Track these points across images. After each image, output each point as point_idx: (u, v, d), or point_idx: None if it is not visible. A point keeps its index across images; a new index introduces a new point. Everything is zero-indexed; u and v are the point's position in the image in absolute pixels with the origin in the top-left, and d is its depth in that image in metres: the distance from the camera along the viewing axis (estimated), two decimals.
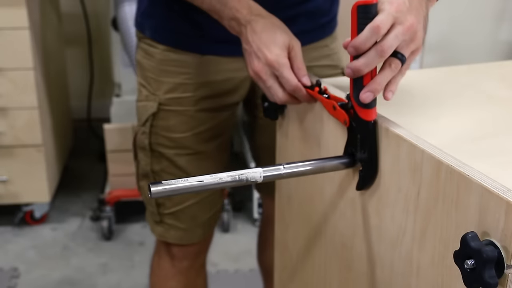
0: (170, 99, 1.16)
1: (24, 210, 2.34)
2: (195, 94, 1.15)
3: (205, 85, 1.15)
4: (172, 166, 1.20)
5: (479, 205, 0.59)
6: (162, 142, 1.19)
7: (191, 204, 1.23)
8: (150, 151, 1.20)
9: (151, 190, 0.68)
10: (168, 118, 1.17)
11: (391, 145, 0.74)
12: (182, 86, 1.15)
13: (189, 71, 1.15)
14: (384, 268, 0.78)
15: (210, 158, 1.22)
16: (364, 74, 0.74)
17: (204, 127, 1.18)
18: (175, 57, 1.15)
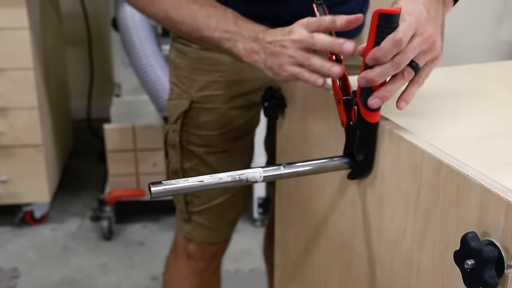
0: (203, 96, 1.18)
1: (24, 210, 2.34)
2: (227, 92, 1.17)
3: (236, 83, 1.17)
4: (202, 163, 1.22)
5: (479, 205, 0.59)
6: (192, 140, 1.20)
7: (220, 202, 1.25)
8: (180, 149, 1.22)
9: (151, 191, 0.68)
10: (199, 116, 1.19)
11: (391, 145, 0.74)
12: (214, 84, 1.17)
13: (221, 69, 1.16)
14: (384, 268, 0.78)
15: (237, 156, 1.24)
16: None
17: (233, 125, 1.20)
18: (208, 55, 1.16)
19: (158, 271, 2.10)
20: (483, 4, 2.70)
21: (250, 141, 1.28)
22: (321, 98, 0.90)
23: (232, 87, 1.17)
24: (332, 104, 0.86)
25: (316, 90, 0.91)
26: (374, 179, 0.78)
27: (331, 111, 0.87)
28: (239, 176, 0.72)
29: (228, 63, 1.15)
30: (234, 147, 1.22)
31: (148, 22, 2.06)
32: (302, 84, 0.95)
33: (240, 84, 1.17)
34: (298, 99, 0.98)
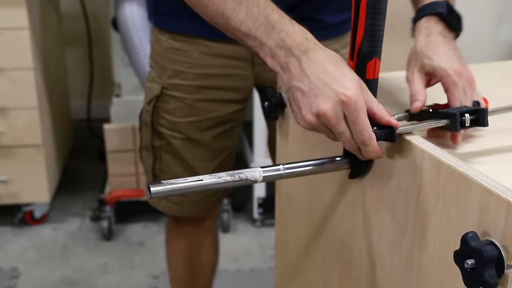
0: (171, 84, 1.23)
1: (24, 210, 2.34)
2: (193, 83, 1.21)
3: (203, 76, 1.20)
4: (168, 145, 1.28)
5: (479, 205, 0.59)
6: (162, 122, 1.26)
7: None
8: (151, 128, 1.28)
9: (150, 191, 0.68)
10: (168, 102, 1.24)
11: (392, 145, 0.74)
12: (182, 74, 1.21)
13: (189, 60, 1.20)
14: (384, 268, 0.78)
15: (204, 146, 1.28)
16: None
17: (200, 117, 1.24)
18: (177, 45, 1.20)
19: (158, 271, 2.10)
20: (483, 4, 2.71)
21: (222, 134, 1.28)
22: None
23: (198, 79, 1.21)
24: None
25: None
26: (374, 179, 0.78)
27: None
28: (238, 175, 0.72)
29: (196, 56, 1.19)
30: (201, 138, 1.26)
31: (148, 22, 2.06)
32: None
33: (207, 78, 1.21)
34: None
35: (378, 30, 0.72)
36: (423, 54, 0.87)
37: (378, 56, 0.73)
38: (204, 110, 1.23)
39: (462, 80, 0.83)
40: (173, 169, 1.30)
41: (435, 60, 0.85)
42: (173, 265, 1.50)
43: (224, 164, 1.33)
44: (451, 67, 0.84)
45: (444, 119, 0.77)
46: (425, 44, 0.88)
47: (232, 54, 1.19)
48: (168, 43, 1.22)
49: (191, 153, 1.28)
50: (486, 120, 0.76)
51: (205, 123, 1.25)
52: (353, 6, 0.73)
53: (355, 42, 0.74)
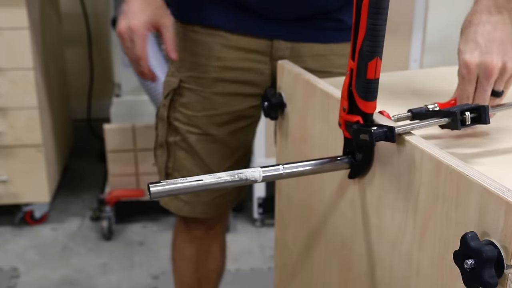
0: (189, 77, 1.22)
1: (24, 210, 2.34)
2: (211, 76, 1.20)
3: (222, 69, 1.20)
4: (184, 141, 1.26)
5: (478, 205, 0.59)
6: (178, 117, 1.25)
7: None
8: (167, 123, 1.27)
9: (150, 191, 0.68)
10: (185, 95, 1.23)
11: (391, 145, 0.74)
12: (200, 67, 1.21)
13: (208, 52, 1.20)
14: (384, 268, 0.78)
15: (219, 142, 1.26)
16: None
17: (217, 111, 1.23)
18: (198, 37, 1.20)
19: (158, 271, 2.10)
20: None
21: (239, 130, 1.27)
22: (321, 98, 0.90)
23: (216, 72, 1.20)
24: (332, 104, 0.86)
25: (316, 90, 0.91)
26: (374, 179, 0.78)
27: (331, 111, 0.87)
28: (238, 175, 0.72)
29: (215, 48, 1.19)
30: (217, 133, 1.24)
31: None
32: (302, 84, 0.96)
33: (225, 71, 1.20)
34: (298, 99, 0.98)
35: (379, 30, 0.72)
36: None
37: (379, 56, 0.73)
38: (222, 104, 1.22)
39: (473, 74, 0.81)
40: (187, 166, 1.28)
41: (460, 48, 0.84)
42: (179, 268, 1.48)
43: (240, 162, 1.31)
44: (463, 59, 0.82)
45: (445, 117, 0.77)
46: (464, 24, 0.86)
47: (251, 47, 1.19)
48: (189, 35, 1.22)
49: (207, 149, 1.26)
50: (488, 117, 0.76)
51: (222, 117, 1.23)
52: (354, 6, 0.73)
53: (356, 42, 0.74)
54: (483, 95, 0.83)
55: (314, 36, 1.19)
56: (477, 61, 0.82)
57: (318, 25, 1.18)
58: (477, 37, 0.83)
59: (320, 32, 1.19)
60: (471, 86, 0.83)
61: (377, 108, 0.77)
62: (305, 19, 1.17)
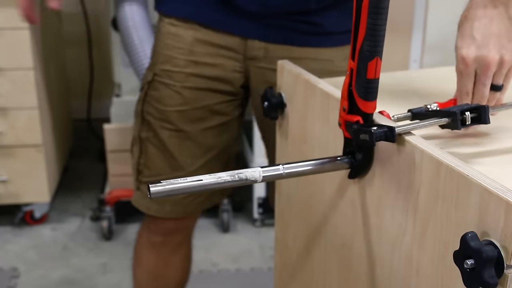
0: (163, 70, 1.21)
1: (24, 210, 2.34)
2: (183, 70, 1.19)
3: (194, 63, 1.19)
4: (155, 137, 1.25)
5: (478, 205, 0.59)
6: (151, 111, 1.24)
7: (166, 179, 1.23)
8: (141, 118, 1.26)
9: (150, 190, 0.68)
10: (158, 89, 1.22)
11: (391, 145, 0.74)
12: (173, 60, 1.20)
13: (182, 46, 1.19)
14: (384, 268, 0.78)
15: (192, 139, 1.24)
16: None
17: (189, 106, 1.21)
18: (173, 30, 1.20)
19: None
20: None
21: (212, 128, 1.25)
22: (321, 98, 0.90)
23: (188, 66, 1.19)
24: (332, 104, 0.86)
25: (316, 90, 0.91)
26: (374, 179, 0.78)
27: (331, 111, 0.87)
28: (238, 175, 0.72)
29: (188, 42, 1.18)
30: (190, 129, 1.23)
31: (148, 22, 2.06)
32: (302, 84, 0.96)
33: (197, 66, 1.19)
34: (298, 99, 0.98)
35: (379, 30, 0.72)
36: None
37: (379, 56, 0.73)
38: (193, 99, 1.21)
39: (470, 68, 0.82)
40: (157, 163, 1.26)
41: (456, 44, 0.84)
42: (137, 275, 1.42)
43: (212, 163, 1.27)
44: (460, 54, 0.83)
45: (445, 117, 0.77)
46: (460, 20, 0.86)
47: (225, 44, 1.18)
48: (165, 28, 1.22)
49: (178, 146, 1.24)
50: (488, 117, 0.76)
51: (194, 112, 1.22)
52: (354, 6, 0.73)
53: (357, 42, 0.74)
54: (482, 89, 0.83)
55: (290, 38, 1.17)
56: (474, 55, 0.82)
57: (295, 27, 1.16)
58: (473, 32, 0.83)
59: (297, 35, 1.17)
60: (470, 81, 0.83)
61: (377, 108, 0.77)
62: (282, 21, 1.15)
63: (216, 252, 2.23)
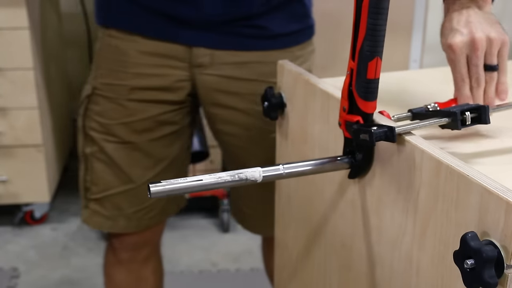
0: (104, 84, 1.19)
1: (24, 210, 2.34)
2: (127, 83, 1.17)
3: (138, 76, 1.16)
4: (101, 152, 1.21)
5: (479, 205, 0.59)
6: (93, 126, 1.20)
7: (115, 193, 1.23)
8: (83, 134, 1.23)
9: (150, 190, 0.68)
10: (100, 103, 1.19)
11: (391, 145, 0.74)
12: (116, 73, 1.17)
13: (124, 59, 1.16)
14: (384, 268, 0.78)
15: (141, 151, 1.21)
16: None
17: (135, 117, 1.18)
18: (114, 43, 1.17)
19: None
20: None
21: (161, 139, 1.22)
22: (321, 98, 0.90)
23: (132, 79, 1.17)
24: (332, 104, 0.86)
25: (316, 90, 0.91)
26: (374, 179, 0.78)
27: (331, 111, 0.87)
28: (238, 175, 0.72)
29: (132, 55, 1.16)
30: (136, 140, 1.20)
31: None
32: (302, 84, 0.96)
33: (141, 78, 1.16)
34: (298, 99, 0.98)
35: (379, 30, 0.72)
36: None
37: (379, 56, 0.73)
38: (138, 111, 1.18)
39: (459, 54, 0.84)
40: (106, 178, 1.22)
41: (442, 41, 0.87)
42: None
43: (164, 174, 1.23)
44: (444, 43, 0.86)
45: (445, 117, 0.77)
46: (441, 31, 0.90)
47: (168, 53, 1.15)
48: (105, 40, 1.19)
49: (126, 158, 1.20)
50: (488, 117, 0.76)
51: (140, 124, 1.19)
52: (354, 6, 0.73)
53: (357, 42, 0.74)
54: (475, 71, 0.85)
55: (236, 43, 1.16)
56: (459, 40, 0.84)
57: (240, 32, 1.15)
58: (454, 26, 0.86)
59: (243, 40, 1.15)
60: (462, 66, 0.85)
61: (377, 108, 0.77)
62: (227, 26, 1.14)
63: (216, 252, 2.23)
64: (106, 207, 1.25)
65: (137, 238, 1.31)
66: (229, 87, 1.19)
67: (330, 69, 1.34)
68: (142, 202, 1.25)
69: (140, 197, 1.24)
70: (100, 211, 1.25)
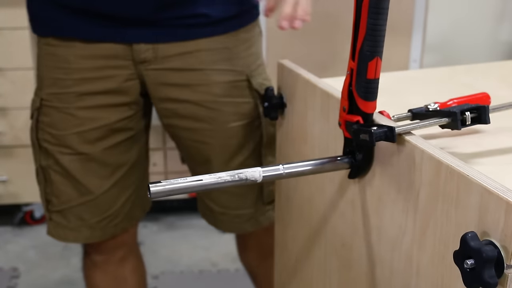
0: (51, 94, 1.15)
1: (24, 210, 2.34)
2: (72, 90, 1.13)
3: (83, 81, 1.13)
4: (56, 164, 1.18)
5: (479, 205, 0.59)
6: (47, 138, 1.17)
7: (76, 204, 1.21)
8: (38, 146, 1.19)
9: (150, 191, 0.68)
10: (50, 115, 1.16)
11: (391, 145, 0.74)
12: (59, 81, 1.14)
13: (65, 65, 1.13)
14: (384, 268, 0.78)
15: (96, 161, 1.18)
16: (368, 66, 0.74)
17: (86, 126, 1.15)
18: (52, 50, 1.14)
19: (158, 271, 2.10)
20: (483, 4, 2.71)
21: (115, 146, 1.19)
22: (321, 98, 0.90)
23: (77, 85, 1.13)
24: (332, 104, 0.86)
25: (316, 90, 0.91)
26: (374, 179, 0.78)
27: (331, 111, 0.87)
28: (238, 175, 0.72)
29: (72, 60, 1.12)
30: (91, 151, 1.17)
31: None
32: (302, 84, 0.96)
33: (86, 83, 1.13)
34: (298, 99, 0.98)
35: (380, 30, 0.72)
36: None
37: (379, 56, 0.73)
38: (89, 119, 1.14)
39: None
40: (64, 190, 1.20)
41: None
42: None
43: (124, 181, 1.22)
44: None
45: (445, 117, 0.77)
46: None
47: (110, 54, 1.12)
48: (44, 49, 1.15)
49: (82, 170, 1.17)
50: (488, 117, 0.76)
51: (93, 133, 1.15)
52: (354, 6, 0.73)
53: (357, 42, 0.74)
54: None
55: (176, 34, 1.12)
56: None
57: (179, 23, 1.11)
58: None
59: (184, 29, 1.12)
60: None
61: (377, 108, 0.77)
62: (164, 19, 1.10)
63: (216, 252, 2.23)
64: (69, 218, 1.22)
65: (108, 243, 1.29)
66: (178, 79, 1.15)
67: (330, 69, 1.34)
68: (103, 212, 1.23)
69: (100, 207, 1.22)
70: (63, 222, 1.23)
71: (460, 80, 1.05)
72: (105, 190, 1.20)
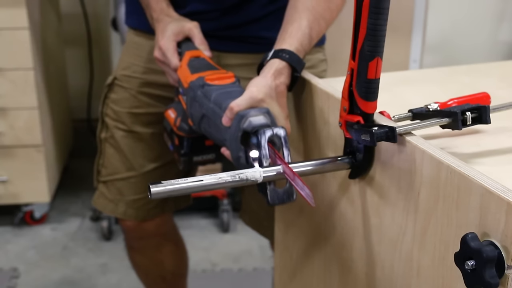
0: (123, 75, 1.29)
1: (24, 210, 2.34)
2: (141, 76, 1.27)
3: (150, 71, 1.25)
4: (112, 137, 1.30)
5: (479, 206, 0.59)
6: (109, 113, 1.30)
7: (119, 178, 1.31)
8: (101, 119, 1.32)
9: (150, 191, 0.68)
10: (117, 92, 1.29)
11: (392, 145, 0.74)
12: (133, 66, 1.28)
13: (141, 54, 1.27)
14: (384, 268, 0.78)
15: (144, 141, 1.28)
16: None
17: (142, 109, 1.27)
18: (136, 40, 1.29)
19: None
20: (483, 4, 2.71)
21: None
22: (321, 98, 0.90)
23: (145, 73, 1.26)
24: (332, 104, 0.86)
25: (316, 90, 0.91)
26: (374, 179, 0.78)
27: (331, 111, 0.87)
28: (239, 175, 0.72)
29: (147, 50, 1.25)
30: (141, 131, 1.28)
31: None
32: (302, 84, 0.96)
33: (153, 73, 1.25)
34: (298, 99, 0.98)
35: (380, 30, 0.72)
36: None
37: (380, 56, 0.73)
38: (147, 104, 1.27)
39: None
40: (114, 163, 1.31)
41: None
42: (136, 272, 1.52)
43: (164, 170, 1.29)
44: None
45: (446, 117, 0.77)
46: None
47: None
48: (130, 37, 1.31)
49: (131, 146, 1.28)
50: (489, 117, 0.76)
51: (147, 117, 1.27)
52: (354, 6, 0.73)
53: (357, 42, 0.74)
54: None
55: (239, 47, 1.22)
56: None
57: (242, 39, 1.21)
58: None
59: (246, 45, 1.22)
60: None
61: (378, 108, 0.77)
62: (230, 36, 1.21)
63: (216, 252, 2.23)
64: (111, 190, 1.32)
65: (141, 231, 1.38)
66: None
67: (330, 69, 1.34)
68: (140, 192, 1.31)
69: (139, 186, 1.31)
70: (105, 193, 1.33)
71: (460, 80, 1.05)
72: (146, 171, 1.29)
